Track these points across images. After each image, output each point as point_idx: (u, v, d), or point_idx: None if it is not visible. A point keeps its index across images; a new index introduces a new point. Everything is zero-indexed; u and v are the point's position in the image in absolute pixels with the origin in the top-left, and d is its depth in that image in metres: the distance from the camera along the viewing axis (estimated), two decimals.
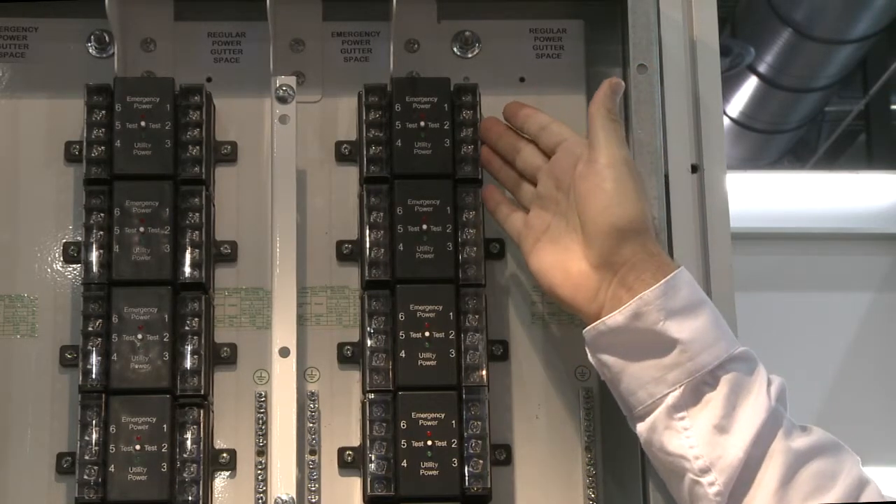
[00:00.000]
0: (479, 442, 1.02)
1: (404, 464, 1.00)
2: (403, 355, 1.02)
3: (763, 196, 3.56)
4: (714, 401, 0.93)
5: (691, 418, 0.93)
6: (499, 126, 1.07)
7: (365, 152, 1.07)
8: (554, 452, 1.06)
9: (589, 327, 0.97)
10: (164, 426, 1.00)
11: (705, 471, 0.92)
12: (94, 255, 1.03)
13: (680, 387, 0.93)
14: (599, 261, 0.97)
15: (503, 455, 1.05)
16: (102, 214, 1.04)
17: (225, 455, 1.04)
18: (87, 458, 1.00)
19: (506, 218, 1.05)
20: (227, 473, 1.05)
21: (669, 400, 0.93)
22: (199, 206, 1.05)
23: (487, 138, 1.07)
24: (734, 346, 0.95)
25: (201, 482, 1.01)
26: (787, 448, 0.92)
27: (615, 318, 0.95)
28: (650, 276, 0.94)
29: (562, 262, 0.99)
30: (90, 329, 1.02)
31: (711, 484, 0.92)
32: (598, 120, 0.99)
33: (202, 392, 1.03)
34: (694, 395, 0.93)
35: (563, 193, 1.01)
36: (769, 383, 0.94)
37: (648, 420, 0.95)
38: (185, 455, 1.01)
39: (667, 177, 1.09)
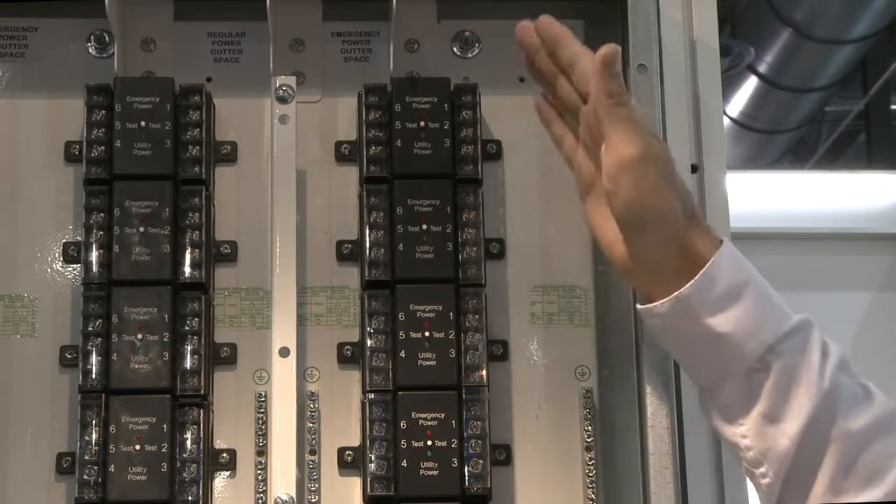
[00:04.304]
0: (479, 442, 1.02)
1: (404, 464, 1.00)
2: (403, 355, 1.02)
3: (763, 196, 3.56)
4: (766, 389, 0.90)
5: (742, 407, 0.91)
6: (533, 44, 0.98)
7: (365, 152, 1.07)
8: (554, 452, 1.06)
9: (640, 307, 0.94)
10: (164, 426, 1.00)
11: (757, 463, 0.90)
12: (94, 255, 1.03)
13: (731, 377, 0.91)
14: (635, 253, 0.92)
15: (503, 455, 1.05)
16: (102, 214, 1.04)
17: (225, 455, 1.04)
18: (87, 458, 1.00)
19: (560, 140, 1.00)
20: (227, 473, 1.05)
21: (722, 387, 0.91)
22: (199, 206, 1.05)
23: (524, 45, 0.99)
24: (783, 323, 0.90)
25: (201, 482, 1.01)
26: (846, 432, 0.88)
27: (659, 308, 0.92)
28: (688, 273, 0.90)
29: (609, 228, 0.94)
30: (90, 329, 1.02)
31: (764, 475, 0.90)
32: (602, 114, 0.91)
33: (202, 392, 1.03)
34: (746, 384, 0.91)
35: (601, 150, 0.93)
36: (824, 356, 0.90)
37: (705, 402, 0.94)
38: (185, 455, 1.01)
39: None
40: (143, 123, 1.05)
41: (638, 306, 0.95)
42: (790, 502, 0.90)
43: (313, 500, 1.03)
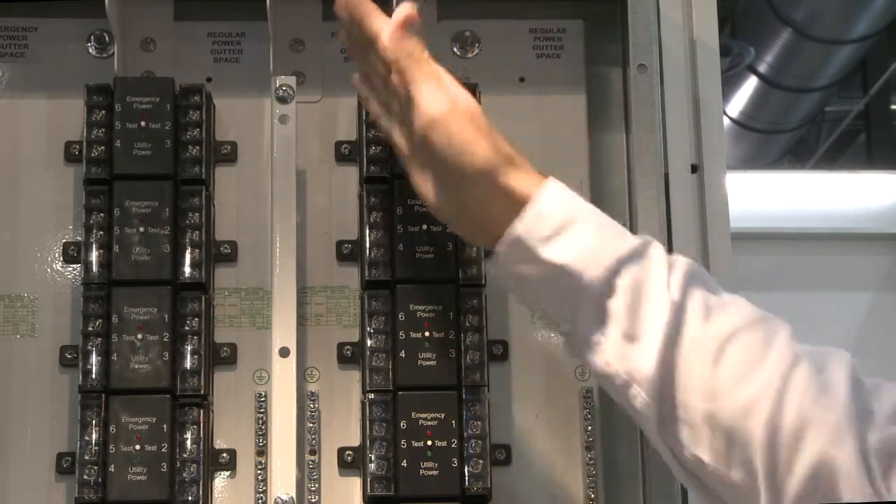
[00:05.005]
0: (479, 442, 1.02)
1: (404, 464, 1.00)
2: (403, 355, 1.02)
3: (763, 196, 3.56)
4: (616, 310, 0.88)
5: (601, 334, 0.89)
6: (346, 21, 0.98)
7: (365, 152, 1.07)
8: (554, 452, 1.06)
9: (488, 267, 0.93)
10: (164, 426, 1.00)
11: (627, 385, 0.88)
12: (94, 255, 1.03)
13: (581, 305, 0.89)
14: (462, 208, 0.92)
15: (503, 455, 1.05)
16: (102, 214, 1.04)
17: (225, 455, 1.04)
18: (87, 458, 1.00)
19: (377, 116, 0.99)
20: (227, 473, 1.05)
21: (578, 321, 0.90)
22: (199, 206, 1.05)
23: (341, 21, 0.99)
24: (622, 245, 0.89)
25: (201, 482, 1.01)
26: (709, 334, 0.86)
27: (499, 254, 0.91)
28: (514, 214, 0.89)
29: (435, 191, 0.94)
30: (90, 329, 1.02)
31: (636, 397, 0.87)
32: (405, 78, 0.91)
33: (202, 392, 1.03)
34: (596, 310, 0.89)
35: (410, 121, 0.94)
36: (670, 270, 0.88)
37: (573, 341, 0.91)
38: (185, 455, 1.01)
39: (667, 177, 1.09)
40: (143, 123, 1.05)
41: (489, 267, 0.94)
42: (669, 417, 0.87)
43: (313, 500, 1.03)
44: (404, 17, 0.92)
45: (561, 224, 0.89)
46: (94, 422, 1.00)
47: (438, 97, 0.91)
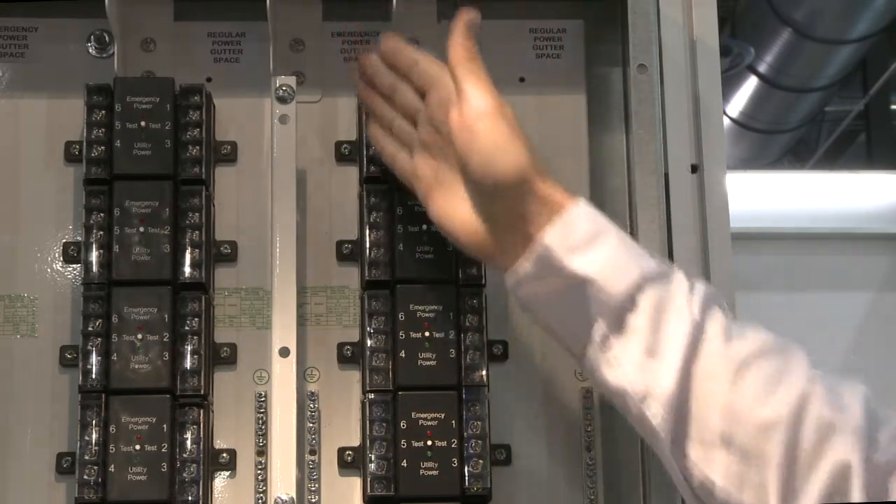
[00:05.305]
0: (479, 442, 1.02)
1: (404, 464, 1.00)
2: (403, 355, 1.02)
3: (763, 196, 3.56)
4: (638, 326, 0.89)
5: (620, 348, 0.90)
6: (374, 62, 1.03)
7: (365, 152, 1.07)
8: (554, 452, 1.06)
9: (506, 279, 0.94)
10: (164, 426, 1.00)
11: (644, 400, 0.89)
12: (94, 255, 1.03)
13: (602, 319, 0.90)
14: (492, 216, 0.94)
15: (503, 455, 1.05)
16: (102, 214, 1.04)
17: (225, 455, 1.04)
18: (87, 458, 1.00)
19: (393, 158, 1.02)
20: (227, 473, 1.05)
21: (596, 336, 0.91)
22: (199, 206, 1.05)
23: (363, 74, 1.03)
24: (648, 264, 0.91)
25: (201, 482, 1.01)
26: (728, 356, 0.88)
27: (523, 265, 0.92)
28: (545, 219, 0.91)
29: (461, 212, 0.96)
30: (90, 329, 1.02)
31: (654, 415, 0.88)
32: (458, 68, 0.94)
33: (202, 392, 1.03)
34: (617, 324, 0.90)
35: (445, 140, 0.96)
36: (691, 293, 0.90)
37: (586, 360, 0.92)
38: (185, 455, 1.01)
39: (667, 177, 1.09)
40: (143, 123, 1.05)
41: (506, 278, 0.94)
42: (683, 435, 0.88)
43: (313, 500, 1.03)
44: (473, 19, 0.95)
45: (590, 236, 0.91)
46: (94, 422, 1.00)
47: (491, 94, 0.93)
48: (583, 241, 0.91)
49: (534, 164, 0.92)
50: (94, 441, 1.00)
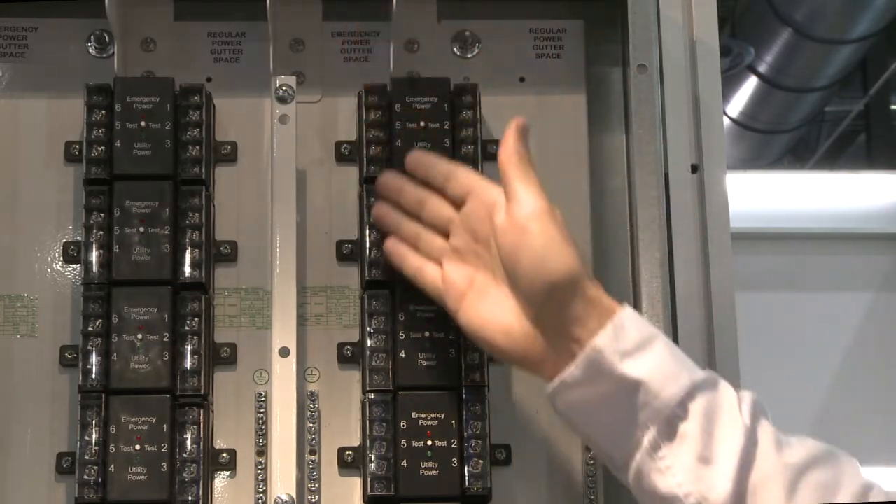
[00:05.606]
0: (479, 442, 1.02)
1: (404, 464, 1.01)
2: (403, 355, 1.02)
3: (763, 196, 3.56)
4: (690, 432, 0.89)
5: (672, 455, 0.89)
6: (398, 180, 1.02)
7: (365, 152, 1.07)
8: (554, 452, 1.06)
9: (549, 387, 0.93)
10: (164, 426, 1.00)
11: None
12: (94, 255, 1.03)
13: (653, 425, 0.90)
14: (540, 319, 0.93)
15: (503, 455, 1.05)
16: (102, 214, 1.04)
17: (225, 455, 1.04)
18: (87, 458, 1.00)
19: (418, 271, 1.00)
20: (227, 473, 1.05)
21: (646, 442, 0.90)
22: (199, 206, 1.05)
23: (388, 194, 1.03)
24: (697, 372, 0.91)
25: (201, 482, 1.01)
26: (782, 464, 0.89)
27: (572, 372, 0.91)
28: (596, 322, 0.91)
29: (500, 319, 0.95)
30: (90, 329, 1.02)
31: None
32: (511, 168, 0.94)
33: (202, 392, 1.03)
34: (668, 430, 0.90)
35: (484, 245, 0.96)
36: (740, 401, 0.91)
37: (633, 467, 0.91)
38: (185, 455, 1.01)
39: (667, 177, 1.09)
40: (143, 123, 1.05)
41: (549, 388, 0.94)
42: None
43: (313, 500, 1.03)
44: (521, 125, 0.96)
45: (641, 341, 0.91)
46: (94, 422, 1.00)
47: (542, 196, 0.94)
48: (634, 346, 0.90)
49: (584, 266, 0.93)
50: (94, 441, 1.00)
